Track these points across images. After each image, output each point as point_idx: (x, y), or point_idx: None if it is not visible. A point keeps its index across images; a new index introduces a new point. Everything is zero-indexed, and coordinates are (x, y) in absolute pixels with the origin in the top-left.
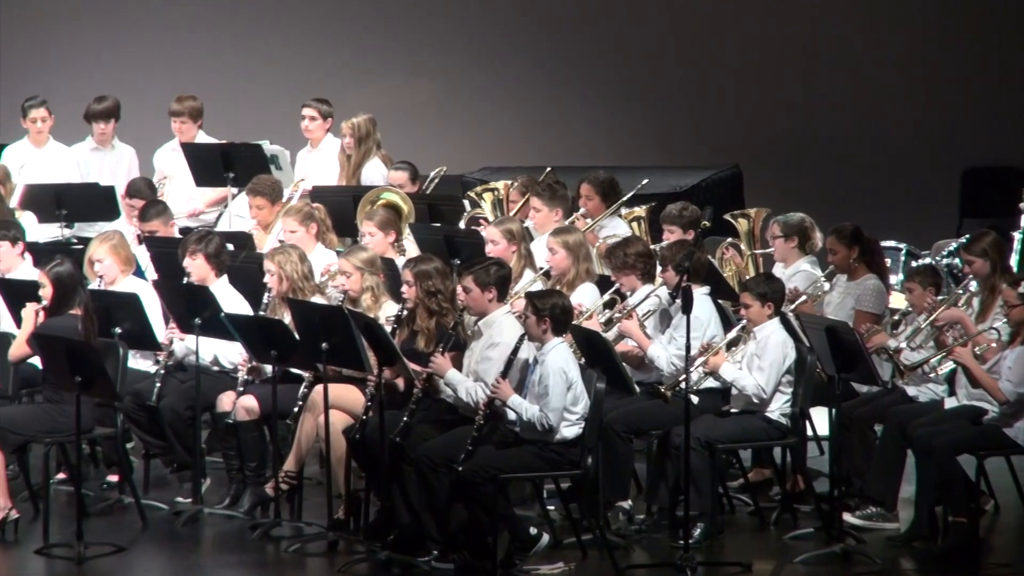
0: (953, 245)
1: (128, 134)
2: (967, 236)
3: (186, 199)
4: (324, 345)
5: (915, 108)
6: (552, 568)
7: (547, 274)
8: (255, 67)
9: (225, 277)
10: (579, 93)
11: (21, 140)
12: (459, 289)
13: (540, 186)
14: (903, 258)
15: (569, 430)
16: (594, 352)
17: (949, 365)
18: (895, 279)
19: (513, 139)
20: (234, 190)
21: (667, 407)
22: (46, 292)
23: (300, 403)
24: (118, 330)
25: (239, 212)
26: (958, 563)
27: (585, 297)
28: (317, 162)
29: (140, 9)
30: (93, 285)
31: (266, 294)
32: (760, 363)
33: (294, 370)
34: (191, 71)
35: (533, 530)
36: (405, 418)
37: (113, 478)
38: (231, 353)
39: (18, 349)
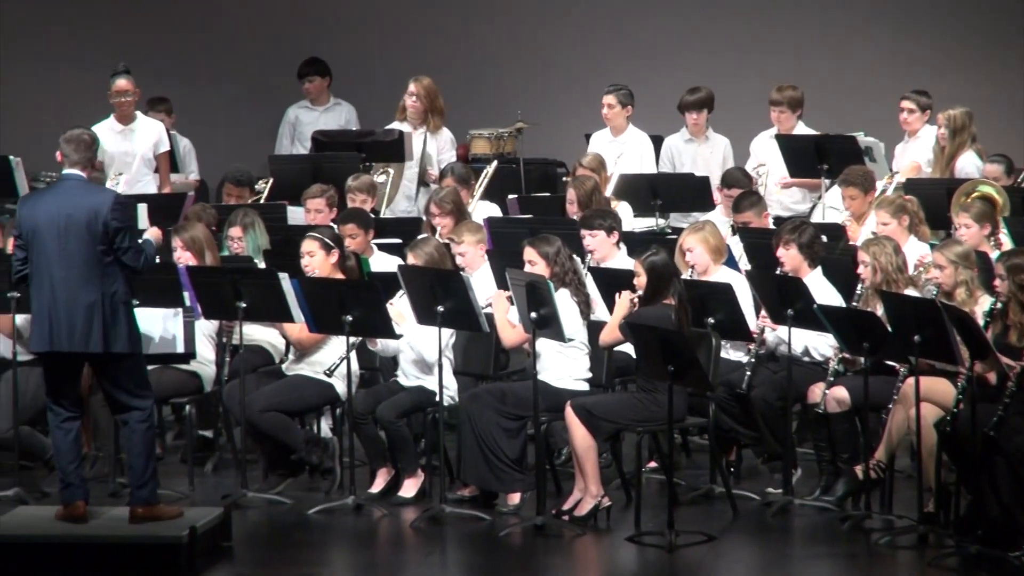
0: None
1: (725, 122)
2: None
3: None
4: (916, 338)
5: None
6: None
7: None
8: (856, 57)
9: (819, 268)
10: None
11: (603, 129)
12: None
13: None
14: None
15: None
16: None
17: None
18: None
19: None
20: (827, 181)
21: None
22: (640, 282)
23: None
24: (711, 320)
25: (833, 203)
26: None
27: None
28: (913, 154)
29: None
30: (684, 275)
31: (859, 285)
32: None
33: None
34: (792, 59)
35: None
36: (1000, 412)
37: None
38: (822, 344)
39: (609, 335)
